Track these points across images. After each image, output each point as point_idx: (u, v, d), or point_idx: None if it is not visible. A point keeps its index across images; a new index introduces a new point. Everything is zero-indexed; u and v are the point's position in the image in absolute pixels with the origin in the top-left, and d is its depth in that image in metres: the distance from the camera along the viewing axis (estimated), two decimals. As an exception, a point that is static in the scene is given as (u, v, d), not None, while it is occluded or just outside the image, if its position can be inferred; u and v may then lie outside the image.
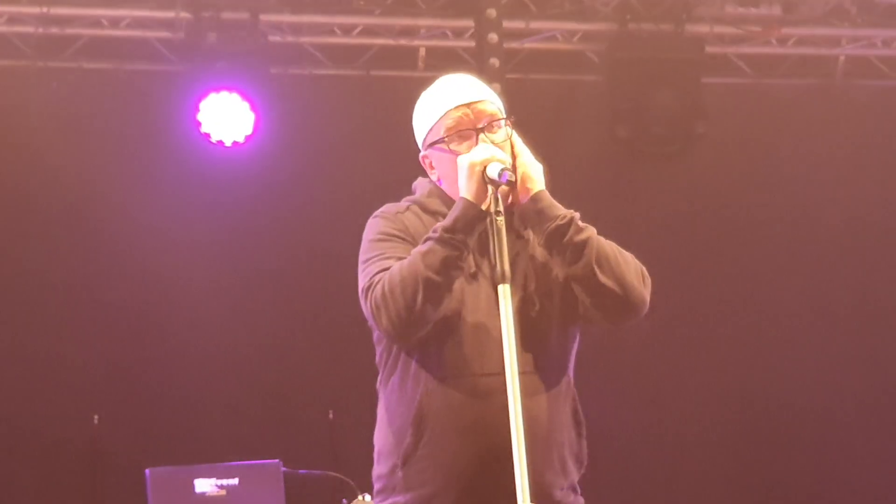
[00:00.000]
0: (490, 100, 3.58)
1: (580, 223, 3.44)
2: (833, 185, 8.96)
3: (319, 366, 8.14)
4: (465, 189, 3.40)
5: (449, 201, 3.53)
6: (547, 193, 3.46)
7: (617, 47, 8.46)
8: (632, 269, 3.45)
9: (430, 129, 3.58)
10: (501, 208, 3.36)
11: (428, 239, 3.37)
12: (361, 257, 3.53)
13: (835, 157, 8.97)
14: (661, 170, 8.64)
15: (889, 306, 8.91)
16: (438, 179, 3.61)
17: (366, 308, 3.44)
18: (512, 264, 3.37)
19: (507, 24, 8.14)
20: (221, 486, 6.54)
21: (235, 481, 6.52)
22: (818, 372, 8.71)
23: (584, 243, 3.40)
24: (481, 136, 3.51)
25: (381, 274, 3.40)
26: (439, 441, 3.38)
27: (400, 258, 3.41)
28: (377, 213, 3.60)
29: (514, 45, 8.47)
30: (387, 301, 3.35)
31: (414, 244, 3.45)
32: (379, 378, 3.56)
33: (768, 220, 8.91)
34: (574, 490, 3.51)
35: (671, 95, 8.38)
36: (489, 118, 3.54)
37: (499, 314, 3.28)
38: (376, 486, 3.53)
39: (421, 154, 3.64)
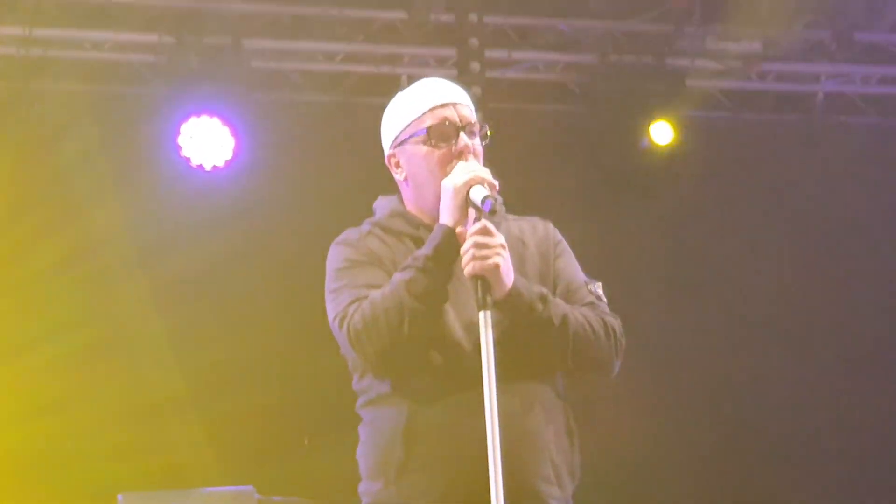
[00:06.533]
0: (471, 107, 3.54)
1: (551, 308, 3.40)
2: (810, 221, 9.00)
3: (294, 392, 8.12)
4: (446, 214, 3.37)
5: (413, 220, 3.51)
6: (520, 285, 3.38)
7: (598, 79, 8.50)
8: (602, 345, 3.44)
9: (407, 126, 3.52)
10: None
11: (409, 267, 3.35)
12: (329, 286, 3.50)
13: (813, 193, 9.00)
14: (640, 201, 8.66)
15: (868, 336, 8.96)
16: (405, 179, 3.55)
17: (341, 337, 3.43)
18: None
19: (489, 53, 8.15)
20: (194, 512, 6.49)
21: (208, 507, 6.48)
22: (799, 395, 8.76)
23: (562, 334, 3.39)
24: (461, 134, 3.46)
25: (356, 303, 3.38)
26: (430, 455, 3.37)
27: (370, 284, 3.39)
28: (338, 239, 3.57)
29: (496, 74, 8.49)
30: (369, 330, 3.33)
31: (382, 267, 3.43)
32: (360, 400, 3.55)
33: (746, 254, 8.94)
34: None
35: (651, 127, 8.43)
36: (471, 123, 3.50)
37: (479, 333, 3.25)
38: (364, 501, 3.52)
39: (388, 153, 3.59)
